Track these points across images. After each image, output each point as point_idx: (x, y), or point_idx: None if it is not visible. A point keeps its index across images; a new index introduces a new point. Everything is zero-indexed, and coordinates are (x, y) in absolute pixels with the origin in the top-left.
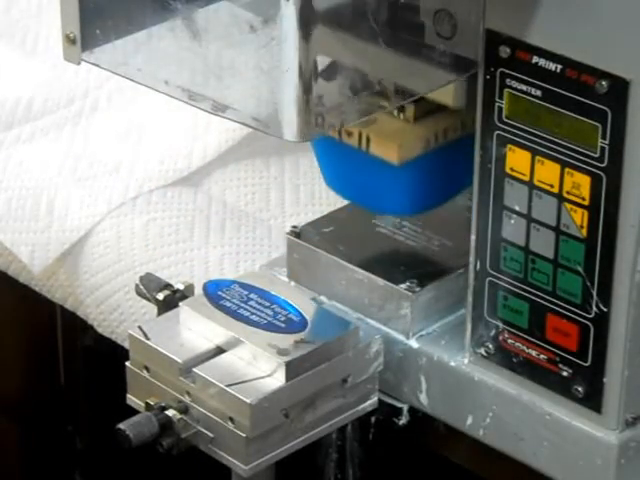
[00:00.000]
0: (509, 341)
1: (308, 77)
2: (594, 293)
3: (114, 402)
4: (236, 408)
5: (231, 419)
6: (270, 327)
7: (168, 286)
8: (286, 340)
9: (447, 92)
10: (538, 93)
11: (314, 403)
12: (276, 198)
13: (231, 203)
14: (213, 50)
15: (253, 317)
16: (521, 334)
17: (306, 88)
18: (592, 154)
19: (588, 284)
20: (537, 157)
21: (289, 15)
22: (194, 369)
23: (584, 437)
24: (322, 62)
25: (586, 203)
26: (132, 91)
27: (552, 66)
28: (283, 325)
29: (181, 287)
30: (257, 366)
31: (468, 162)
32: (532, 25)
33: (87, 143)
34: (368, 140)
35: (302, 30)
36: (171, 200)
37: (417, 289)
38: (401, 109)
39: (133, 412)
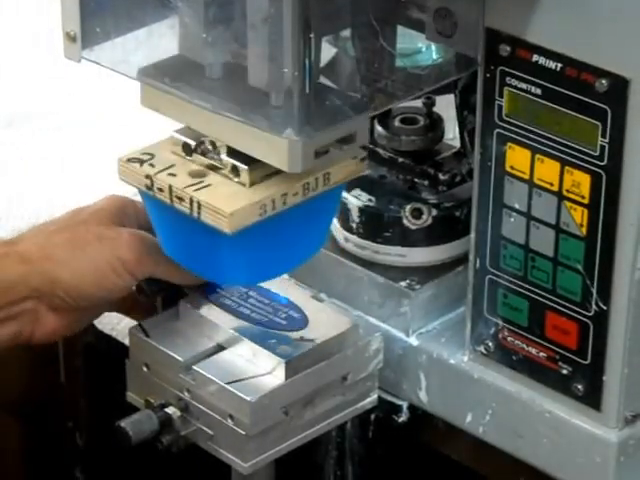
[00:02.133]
0: (509, 339)
1: (307, 75)
2: (594, 291)
3: (114, 399)
4: (236, 406)
5: (231, 416)
6: (270, 325)
7: (168, 286)
8: (286, 338)
9: (282, 156)
10: (538, 91)
11: (314, 401)
12: None
13: None
14: None
15: (253, 315)
16: (521, 332)
17: (305, 86)
18: (592, 152)
19: (588, 282)
20: (537, 155)
21: (288, 13)
22: (194, 367)
23: (583, 435)
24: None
25: (586, 201)
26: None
27: (552, 64)
28: (283, 323)
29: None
30: (257, 364)
31: (311, 229)
32: (532, 24)
33: (87, 142)
34: (199, 206)
35: (301, 29)
36: None
37: (417, 287)
38: (236, 173)
39: (133, 409)
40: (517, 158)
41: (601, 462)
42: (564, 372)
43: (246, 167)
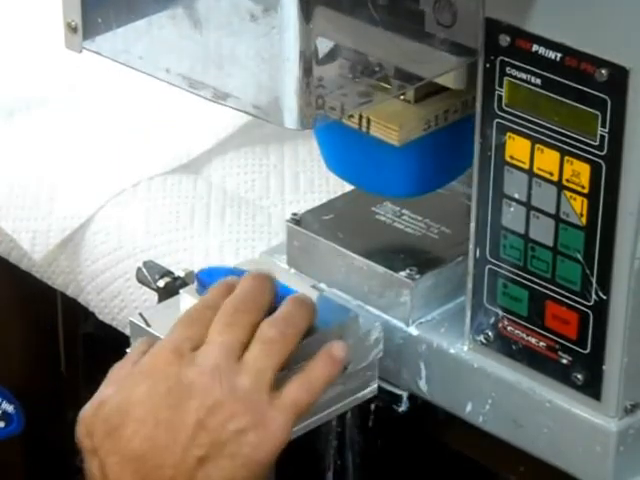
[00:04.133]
0: (509, 328)
1: (309, 66)
2: (593, 281)
3: None
4: None
5: None
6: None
7: (169, 273)
8: None
9: (448, 74)
10: (538, 81)
11: None
12: (276, 185)
13: (231, 190)
14: (214, 38)
15: None
16: (521, 321)
17: (306, 77)
18: (592, 142)
19: (587, 272)
20: (537, 145)
21: (289, 4)
22: None
23: (583, 424)
24: (322, 48)
25: (585, 191)
26: (133, 79)
27: (552, 54)
28: None
29: (181, 274)
30: None
31: (468, 144)
32: (532, 13)
33: (88, 130)
34: (368, 121)
35: (303, 19)
36: (171, 187)
37: (417, 276)
38: (402, 91)
39: None
40: (517, 148)
41: (601, 451)
42: (564, 362)
43: (412, 85)
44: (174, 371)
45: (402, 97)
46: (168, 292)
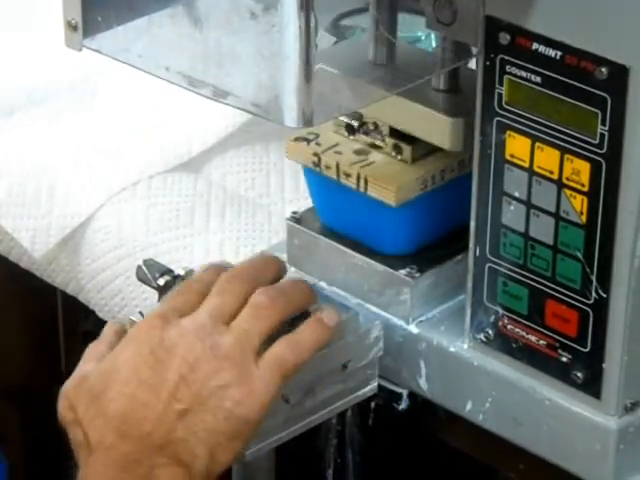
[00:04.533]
0: (509, 327)
1: (309, 64)
2: (593, 279)
3: None
4: None
5: None
6: None
7: (169, 271)
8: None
9: (443, 135)
10: (538, 80)
11: (314, 388)
12: (276, 184)
13: (231, 189)
14: (214, 37)
15: None
16: (521, 320)
17: (307, 75)
18: (592, 140)
19: (587, 270)
20: (537, 143)
21: (290, 1)
22: None
23: (583, 422)
24: (322, 45)
25: (585, 189)
26: (133, 77)
27: (552, 53)
28: None
29: (181, 272)
30: None
31: (464, 200)
32: (532, 12)
33: (88, 129)
34: (366, 182)
35: (303, 17)
36: (171, 186)
37: (417, 275)
38: (399, 151)
39: None
40: (517, 146)
41: (601, 450)
42: (564, 360)
43: (409, 146)
44: (158, 334)
45: (399, 157)
46: (168, 290)
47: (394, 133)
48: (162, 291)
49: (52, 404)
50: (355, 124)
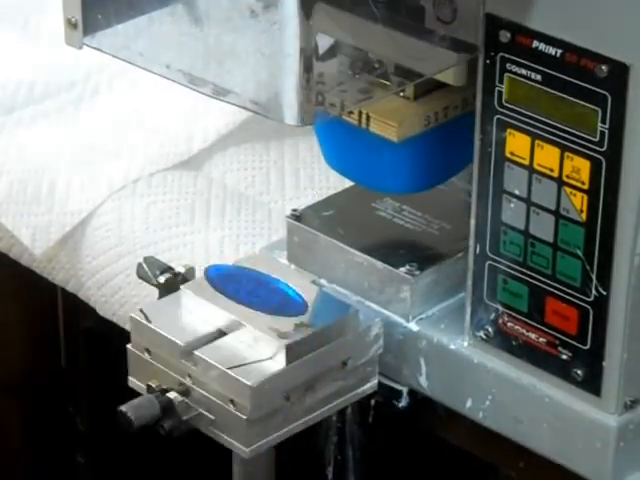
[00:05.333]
0: (509, 324)
1: (309, 62)
2: (593, 277)
3: (115, 384)
4: (237, 391)
5: (232, 401)
6: (270, 310)
7: (169, 269)
8: (286, 323)
9: (448, 71)
10: (538, 77)
11: (314, 386)
12: (276, 181)
13: (231, 186)
14: (214, 35)
15: (254, 300)
16: (521, 317)
17: (307, 73)
18: (592, 138)
19: (587, 268)
20: (537, 141)
21: (290, 0)
22: (195, 352)
23: (583, 420)
24: (322, 44)
25: (586, 187)
26: (133, 75)
27: (552, 51)
28: (283, 308)
29: (182, 270)
30: (258, 349)
31: (468, 140)
32: (532, 9)
33: (88, 126)
34: (368, 118)
35: (303, 15)
36: (172, 183)
37: (417, 272)
38: (401, 88)
39: (134, 394)
40: (517, 144)
41: (600, 447)
42: (564, 357)
43: (412, 82)
44: None
45: (402, 94)
46: (169, 288)
47: (398, 70)
48: (162, 289)
49: (52, 401)
50: (359, 62)
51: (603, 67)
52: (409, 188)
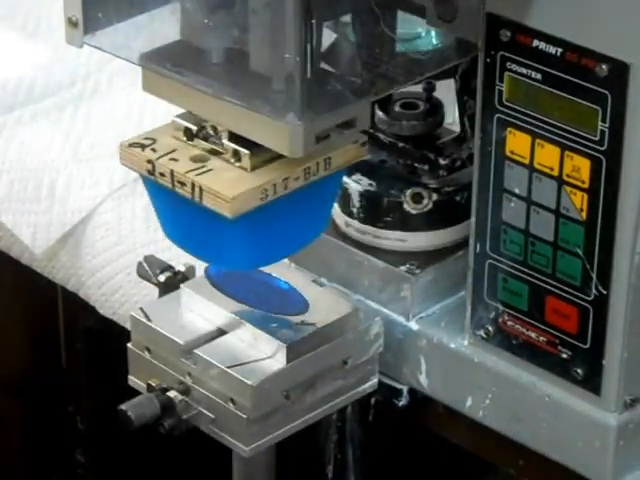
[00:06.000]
0: (509, 323)
1: (310, 60)
2: (593, 276)
3: (115, 383)
4: (237, 389)
5: (232, 400)
6: (271, 309)
7: (169, 268)
8: (287, 322)
9: (284, 141)
10: (538, 76)
11: (314, 385)
12: None
13: None
14: None
15: (254, 299)
16: (521, 316)
17: (307, 71)
18: (592, 137)
19: (588, 267)
20: (537, 140)
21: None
22: (195, 350)
23: (583, 419)
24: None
25: (586, 186)
26: (133, 74)
27: (552, 50)
28: (284, 307)
29: (182, 269)
30: (258, 348)
31: (314, 212)
32: (532, 9)
33: (88, 125)
34: (201, 191)
35: (303, 14)
36: None
37: (417, 271)
38: (237, 158)
39: (134, 393)
40: (517, 143)
41: (600, 446)
42: (564, 356)
43: (247, 152)
44: None
45: (238, 164)
46: (169, 287)
47: (233, 138)
48: (163, 287)
49: (52, 400)
50: (194, 128)
51: (603, 66)
52: (249, 264)
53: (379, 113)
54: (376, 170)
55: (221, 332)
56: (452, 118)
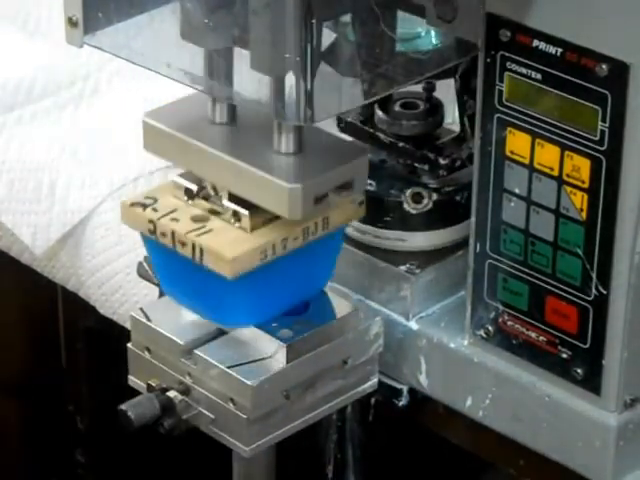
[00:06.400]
0: (509, 323)
1: (310, 60)
2: (593, 276)
3: (115, 383)
4: (237, 389)
5: (232, 400)
6: None
7: None
8: (287, 322)
9: (283, 203)
10: (538, 76)
11: (314, 384)
12: None
13: None
14: None
15: None
16: (521, 316)
17: (308, 71)
18: (592, 137)
19: (587, 267)
20: (537, 140)
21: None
22: (195, 350)
23: (583, 419)
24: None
25: (586, 186)
26: (133, 73)
27: (552, 49)
28: None
29: None
30: (258, 348)
31: (313, 270)
32: (532, 8)
33: (88, 125)
34: (202, 251)
35: (304, 13)
36: None
37: (417, 271)
38: (237, 218)
39: (134, 393)
40: (517, 143)
41: (600, 446)
42: (564, 356)
43: (247, 213)
44: None
45: (238, 225)
46: None
47: (233, 198)
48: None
49: (52, 399)
50: (194, 188)
51: (603, 66)
52: (249, 322)
53: (379, 113)
54: (376, 170)
55: (221, 332)
56: (452, 118)
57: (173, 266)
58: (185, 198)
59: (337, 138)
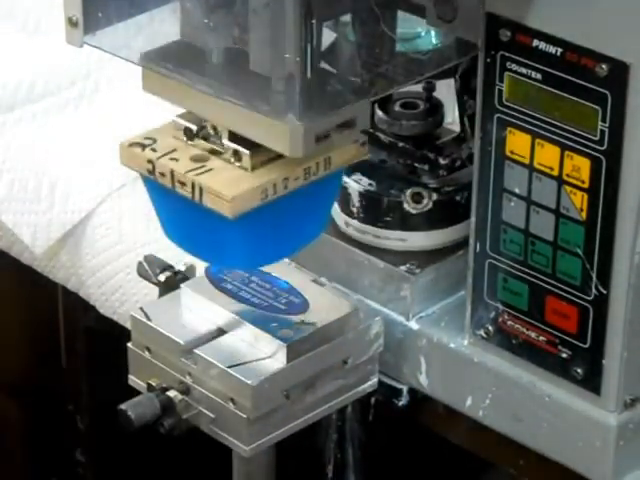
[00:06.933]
0: (509, 323)
1: (310, 60)
2: (593, 275)
3: (115, 383)
4: (237, 389)
5: (232, 400)
6: (271, 308)
7: (169, 267)
8: (287, 322)
9: (284, 141)
10: (538, 76)
11: (314, 384)
12: None
13: None
14: None
15: (254, 299)
16: (521, 316)
17: (307, 71)
18: (592, 137)
19: (587, 266)
20: (537, 140)
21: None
22: (195, 350)
23: (583, 419)
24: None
25: (586, 186)
26: (133, 73)
27: (552, 49)
28: (284, 306)
29: (182, 268)
30: (258, 347)
31: (314, 211)
32: (532, 8)
33: (89, 125)
34: (201, 190)
35: (303, 13)
36: None
37: (417, 271)
38: (238, 157)
39: (134, 393)
40: (517, 143)
41: (600, 446)
42: (564, 356)
43: (248, 152)
44: None
45: (238, 164)
46: (169, 286)
47: (233, 138)
48: (163, 287)
49: (52, 400)
50: (194, 128)
51: (603, 66)
52: (250, 264)
53: (379, 113)
54: (376, 170)
55: (221, 332)
56: (452, 118)
57: (173, 208)
58: (184, 138)
59: (340, 76)
